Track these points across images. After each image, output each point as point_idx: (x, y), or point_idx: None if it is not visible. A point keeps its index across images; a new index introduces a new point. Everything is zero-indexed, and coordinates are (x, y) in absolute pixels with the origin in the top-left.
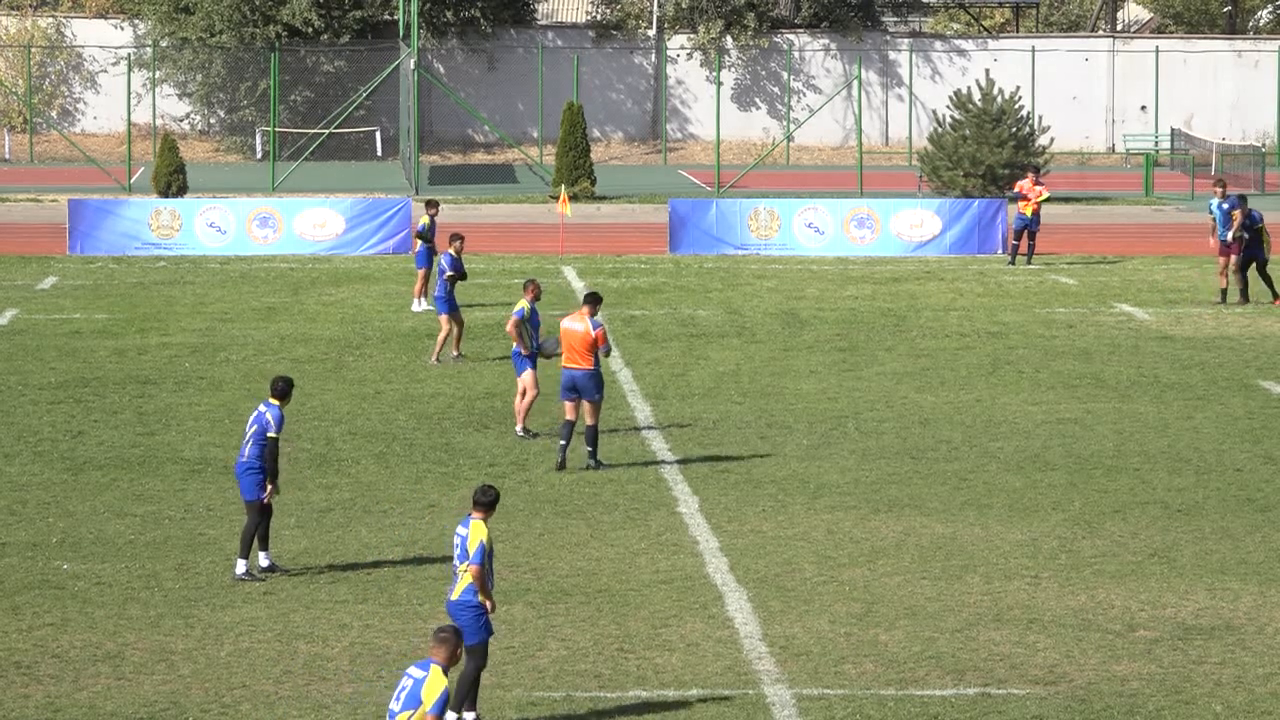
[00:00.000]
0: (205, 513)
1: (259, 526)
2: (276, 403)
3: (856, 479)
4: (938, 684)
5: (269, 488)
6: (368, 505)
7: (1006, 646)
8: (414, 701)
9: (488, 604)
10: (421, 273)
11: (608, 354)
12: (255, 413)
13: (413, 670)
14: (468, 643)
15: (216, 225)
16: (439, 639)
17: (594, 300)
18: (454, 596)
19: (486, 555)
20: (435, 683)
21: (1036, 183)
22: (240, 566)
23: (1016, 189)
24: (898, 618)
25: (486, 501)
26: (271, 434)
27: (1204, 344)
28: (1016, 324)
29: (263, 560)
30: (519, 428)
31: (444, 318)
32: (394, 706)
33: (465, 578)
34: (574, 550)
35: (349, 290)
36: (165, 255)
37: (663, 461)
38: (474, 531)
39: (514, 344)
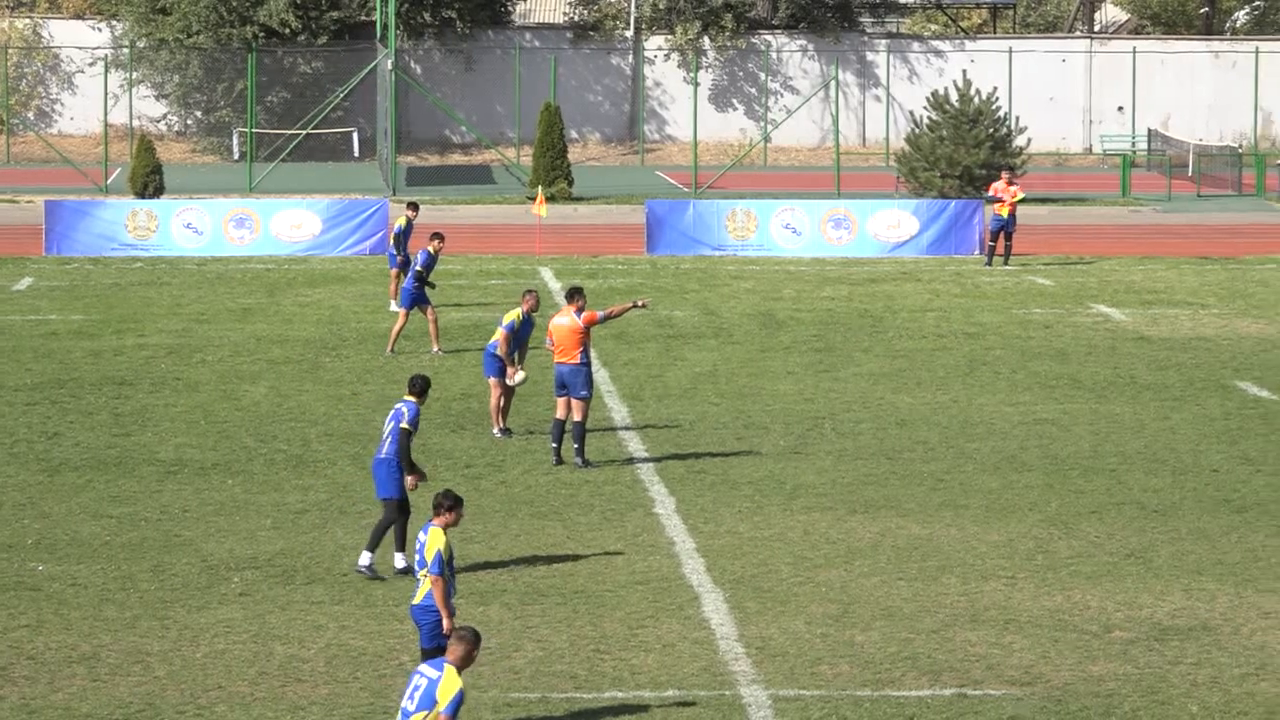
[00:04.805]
0: (181, 514)
1: (394, 525)
2: (414, 399)
3: (833, 480)
4: (914, 685)
5: (410, 480)
6: (344, 506)
7: (983, 647)
8: (428, 701)
9: (445, 621)
10: (394, 273)
11: (614, 313)
12: (393, 410)
13: (426, 670)
14: (425, 646)
15: (193, 226)
16: (457, 637)
17: (577, 294)
18: (416, 600)
19: (444, 564)
20: (450, 683)
21: (1010, 183)
22: (365, 558)
23: (991, 191)
24: (874, 618)
25: (447, 506)
26: (404, 425)
27: (1181, 345)
28: (993, 325)
29: (398, 562)
30: (495, 428)
31: (403, 311)
32: (407, 705)
33: (426, 583)
34: (550, 551)
35: (326, 291)
36: (142, 256)
37: (639, 462)
38: (432, 539)
39: (491, 341)
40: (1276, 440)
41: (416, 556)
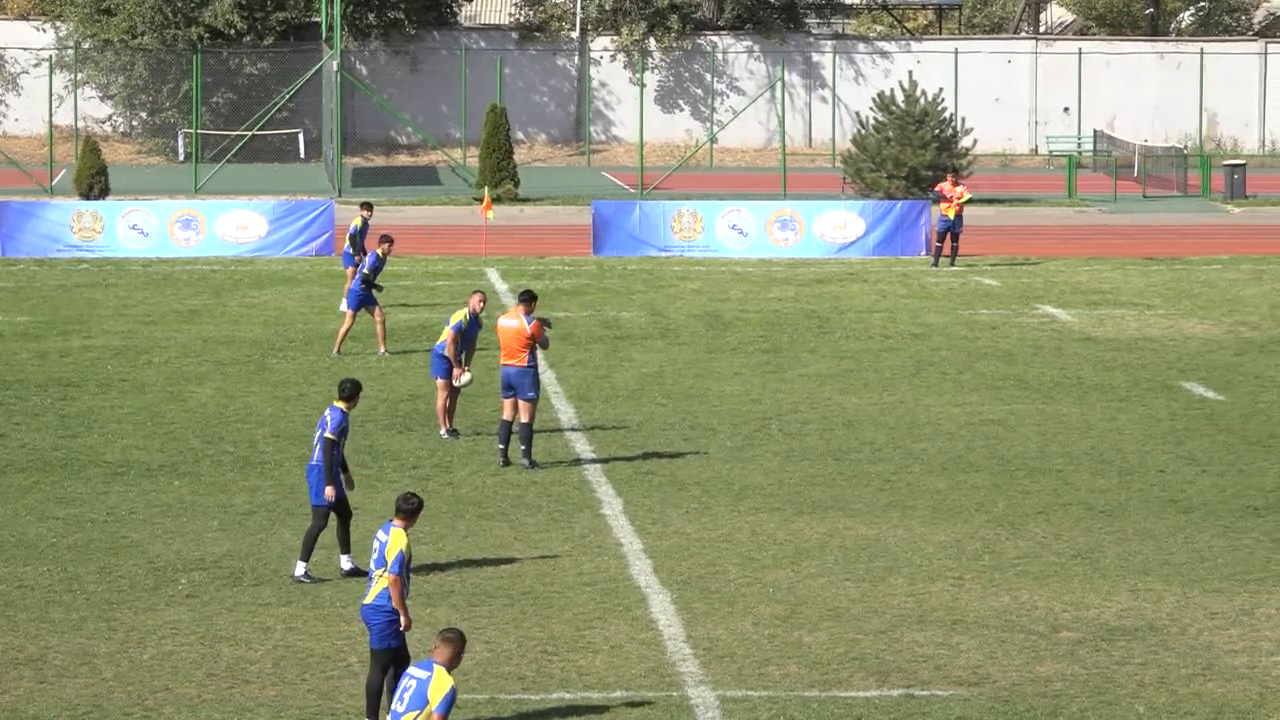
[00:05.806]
0: (127, 515)
1: (337, 527)
2: (341, 405)
3: (780, 481)
4: (861, 685)
5: (328, 490)
6: (291, 508)
7: (930, 648)
8: (420, 701)
9: (403, 618)
10: (350, 271)
11: (545, 346)
12: (321, 417)
13: (415, 671)
14: (374, 647)
15: (139, 227)
16: (444, 639)
17: (529, 298)
18: (368, 600)
19: (404, 565)
20: (441, 682)
21: (956, 184)
22: (299, 568)
23: (937, 191)
24: (822, 619)
25: (409, 509)
26: (328, 434)
27: (1126, 345)
28: (940, 325)
29: (344, 564)
30: (442, 430)
31: (349, 313)
32: (397, 708)
33: (380, 582)
34: (498, 553)
35: (272, 292)
36: (87, 257)
37: (587, 463)
38: (394, 540)
39: (438, 341)
40: (1222, 441)
41: (374, 555)
